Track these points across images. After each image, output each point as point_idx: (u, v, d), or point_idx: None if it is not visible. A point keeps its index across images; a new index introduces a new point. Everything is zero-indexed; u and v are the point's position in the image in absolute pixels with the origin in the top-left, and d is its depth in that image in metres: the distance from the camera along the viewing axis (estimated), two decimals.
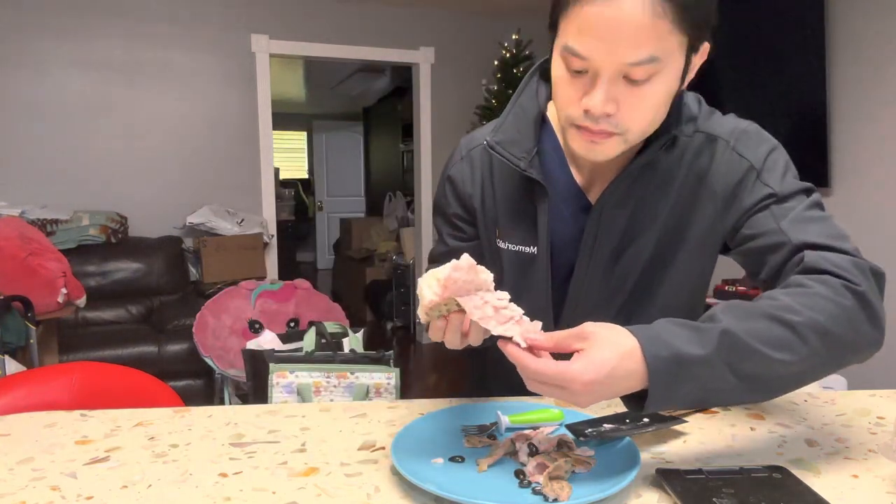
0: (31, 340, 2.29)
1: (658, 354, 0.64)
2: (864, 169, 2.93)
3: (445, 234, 1.03)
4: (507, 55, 4.36)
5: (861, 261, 0.75)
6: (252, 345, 2.25)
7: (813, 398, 0.94)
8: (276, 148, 6.04)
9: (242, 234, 3.95)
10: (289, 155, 9.74)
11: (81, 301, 2.69)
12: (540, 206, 0.89)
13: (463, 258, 0.67)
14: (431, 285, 0.68)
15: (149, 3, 3.97)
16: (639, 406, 0.68)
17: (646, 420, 0.79)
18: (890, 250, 2.78)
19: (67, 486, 0.68)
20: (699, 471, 0.67)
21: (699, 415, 0.87)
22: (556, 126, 0.92)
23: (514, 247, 0.94)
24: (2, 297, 2.23)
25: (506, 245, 0.94)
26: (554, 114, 0.92)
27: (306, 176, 9.71)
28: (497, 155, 0.89)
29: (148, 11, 3.97)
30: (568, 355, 0.65)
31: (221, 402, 3.09)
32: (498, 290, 0.69)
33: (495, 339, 0.78)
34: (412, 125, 4.94)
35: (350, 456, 0.76)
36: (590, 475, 0.68)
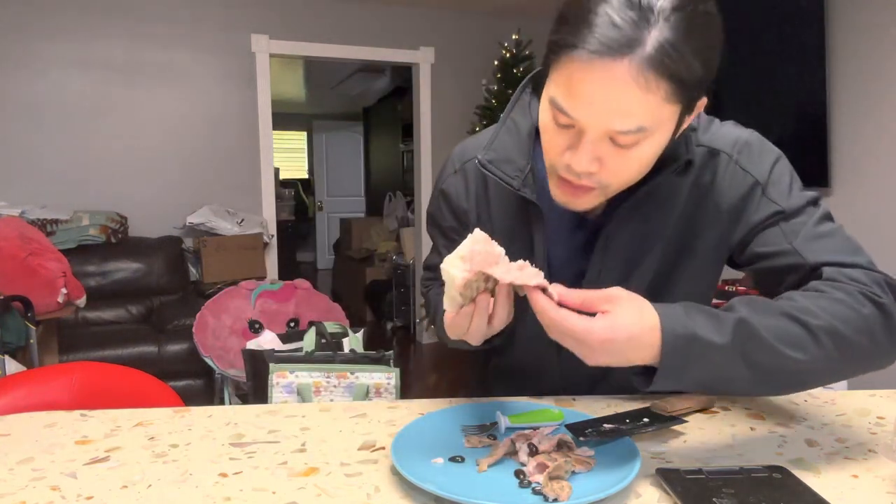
0: (31, 340, 2.29)
1: (675, 331, 0.66)
2: (864, 169, 2.93)
3: (441, 245, 1.02)
4: (507, 55, 4.36)
5: (877, 274, 0.76)
6: (252, 345, 2.25)
7: (813, 398, 0.94)
8: (276, 148, 6.04)
9: (242, 234, 3.94)
10: (289, 155, 9.74)
11: (81, 301, 2.69)
12: (535, 226, 0.88)
13: (476, 231, 0.68)
14: (456, 265, 0.67)
15: (149, 3, 3.97)
16: (647, 381, 0.69)
17: (646, 420, 0.79)
18: (890, 250, 2.78)
19: (67, 486, 0.68)
20: (699, 471, 0.67)
21: (699, 415, 0.87)
22: None
23: None
24: (2, 297, 2.23)
25: None
26: None
27: (306, 176, 9.71)
28: (489, 174, 0.86)
29: (148, 11, 3.97)
30: (592, 315, 0.67)
31: (221, 402, 3.09)
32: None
33: (505, 335, 0.78)
34: (412, 125, 4.94)
35: (350, 456, 0.76)
36: (590, 475, 0.68)
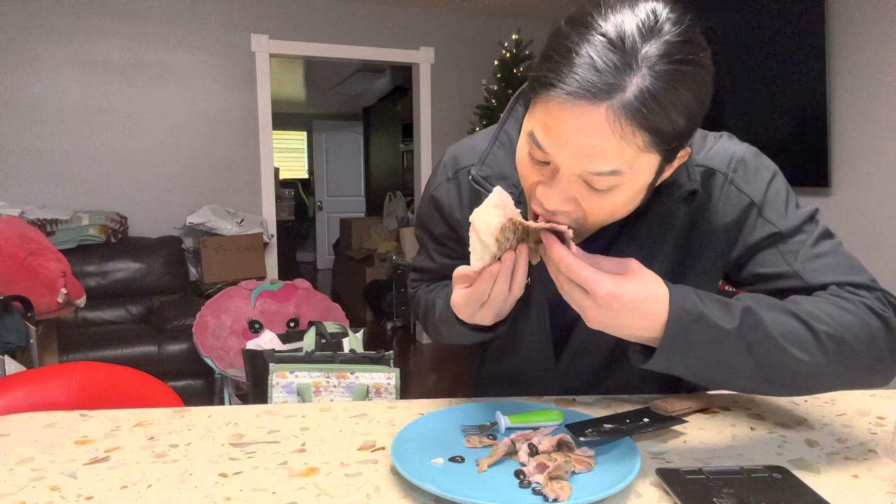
0: (31, 340, 2.29)
1: (684, 307, 0.66)
2: (864, 169, 2.93)
3: (432, 249, 1.00)
4: (507, 55, 4.36)
5: (879, 292, 0.76)
6: (252, 345, 2.25)
7: (813, 398, 0.95)
8: (276, 148, 6.05)
9: (242, 234, 3.94)
10: (289, 155, 9.74)
11: (81, 301, 2.69)
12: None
13: (498, 188, 0.68)
14: (490, 213, 0.66)
15: (149, 3, 3.97)
16: (645, 358, 0.69)
17: (646, 420, 0.79)
18: (890, 250, 2.78)
19: (67, 486, 0.68)
20: (699, 471, 0.67)
21: (699, 415, 0.87)
22: None
23: None
24: (2, 297, 2.23)
25: None
26: None
27: (306, 176, 9.71)
28: (484, 191, 0.84)
29: (148, 11, 3.97)
30: None
31: (221, 402, 3.09)
32: None
33: (507, 325, 0.79)
34: (412, 125, 4.95)
35: (350, 456, 0.76)
36: (590, 475, 0.68)
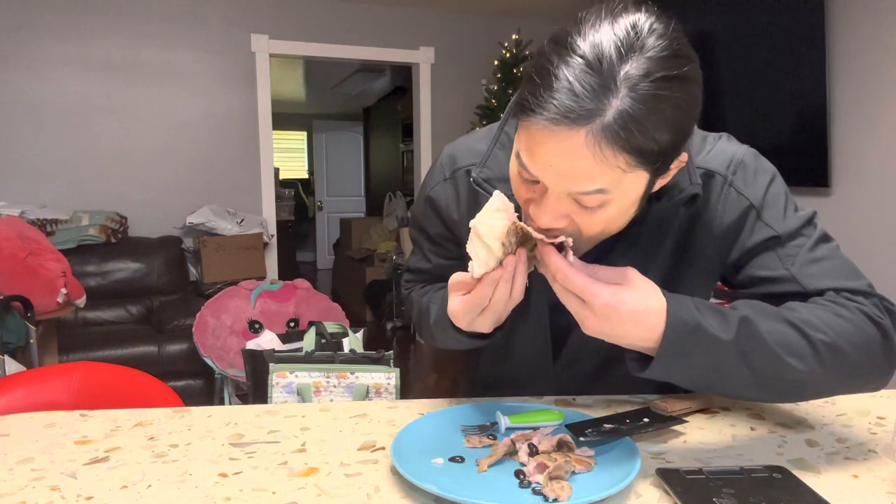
0: (31, 340, 2.29)
1: (681, 317, 0.66)
2: (864, 169, 2.93)
3: (427, 250, 1.00)
4: (507, 55, 4.36)
5: (876, 298, 0.76)
6: (252, 345, 2.25)
7: None
8: (276, 148, 6.04)
9: (242, 234, 3.94)
10: (289, 155, 9.73)
11: (81, 301, 2.68)
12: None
13: (497, 192, 0.68)
14: (493, 216, 0.66)
15: (149, 3, 3.97)
16: (642, 367, 0.69)
17: (646, 420, 0.79)
18: (890, 250, 2.78)
19: (67, 486, 0.68)
20: (699, 471, 0.67)
21: (699, 415, 0.87)
22: None
23: None
24: (2, 297, 2.23)
25: None
26: None
27: (306, 176, 9.71)
28: (484, 193, 0.83)
29: (148, 11, 3.97)
30: None
31: (221, 402, 3.09)
32: None
33: (505, 330, 0.79)
34: (412, 125, 4.94)
35: (350, 456, 0.76)
36: (590, 475, 0.68)
